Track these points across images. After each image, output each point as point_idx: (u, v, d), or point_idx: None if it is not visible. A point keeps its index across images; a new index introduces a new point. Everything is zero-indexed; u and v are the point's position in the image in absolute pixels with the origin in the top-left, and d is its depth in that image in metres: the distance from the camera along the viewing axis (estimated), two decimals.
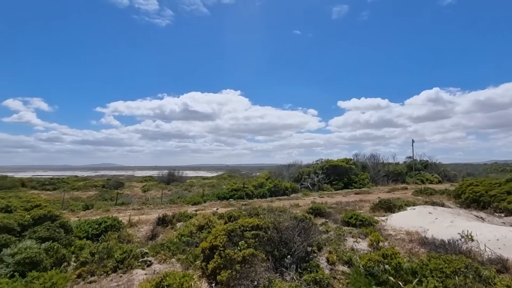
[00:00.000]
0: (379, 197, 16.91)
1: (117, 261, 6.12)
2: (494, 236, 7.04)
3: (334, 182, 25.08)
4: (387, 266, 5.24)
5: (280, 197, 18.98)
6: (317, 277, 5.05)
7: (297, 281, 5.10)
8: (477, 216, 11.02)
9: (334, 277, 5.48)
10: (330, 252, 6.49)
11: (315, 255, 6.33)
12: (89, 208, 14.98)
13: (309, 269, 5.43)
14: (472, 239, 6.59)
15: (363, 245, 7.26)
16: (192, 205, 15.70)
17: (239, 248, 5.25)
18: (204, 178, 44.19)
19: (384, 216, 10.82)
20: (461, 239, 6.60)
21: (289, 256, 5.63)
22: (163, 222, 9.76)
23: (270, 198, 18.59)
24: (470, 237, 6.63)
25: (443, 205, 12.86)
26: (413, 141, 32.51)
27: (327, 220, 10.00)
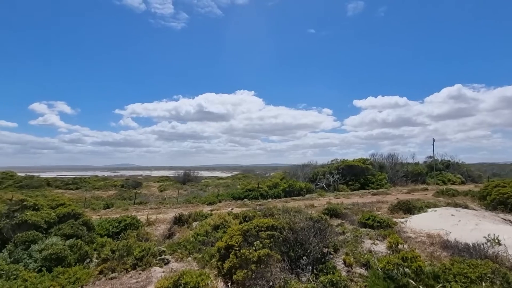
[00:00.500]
0: (397, 198, 16.43)
1: (136, 258, 6.30)
2: None
3: (350, 183, 24.60)
4: (407, 270, 5.07)
5: (294, 197, 18.85)
6: (333, 279, 4.96)
7: (313, 282, 5.05)
8: (504, 219, 10.44)
9: (351, 280, 5.37)
10: (346, 254, 6.38)
11: (331, 256, 6.24)
12: (109, 207, 15.54)
13: (325, 270, 5.36)
14: (499, 243, 6.24)
15: (381, 247, 7.07)
16: (208, 205, 15.90)
17: (254, 248, 5.26)
18: (218, 178, 44.64)
19: (403, 218, 10.49)
20: (487, 243, 6.26)
21: (304, 257, 5.58)
22: (179, 221, 9.95)
23: (285, 198, 18.50)
24: (497, 241, 6.28)
25: (466, 207, 12.29)
26: (433, 140, 31.29)
27: (343, 221, 9.83)
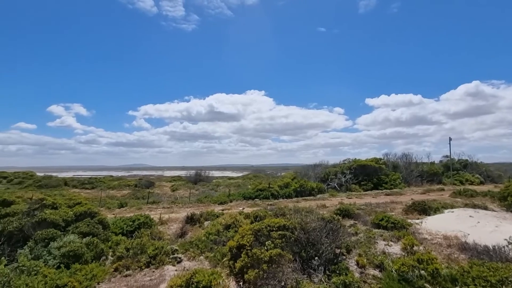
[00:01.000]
0: (412, 198, 16.03)
1: (149, 257, 6.43)
2: None
3: (362, 183, 24.19)
4: (422, 272, 4.94)
5: (306, 197, 18.72)
6: (346, 280, 4.89)
7: (325, 283, 4.99)
8: None
9: (365, 281, 5.28)
10: (359, 255, 6.27)
11: (344, 257, 6.15)
12: (123, 206, 15.92)
13: (338, 271, 5.29)
14: None
15: (395, 248, 6.92)
16: (219, 204, 16.02)
17: (265, 248, 5.25)
18: (229, 178, 44.86)
19: (418, 219, 10.22)
20: (508, 245, 6.02)
21: (316, 258, 5.52)
22: (191, 220, 10.07)
23: (296, 198, 18.39)
24: None
25: (486, 208, 11.85)
26: (450, 139, 30.35)
27: (356, 222, 9.68)
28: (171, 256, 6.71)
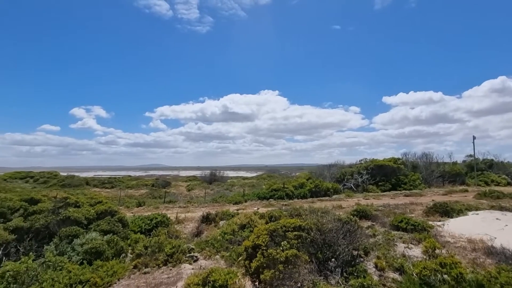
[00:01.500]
0: (433, 200, 15.42)
1: (167, 255, 6.56)
2: None
3: (380, 183, 23.55)
4: (445, 276, 4.74)
5: (321, 198, 18.46)
6: (365, 283, 4.77)
7: (343, 285, 4.90)
8: None
9: (384, 285, 5.13)
10: (378, 258, 6.11)
11: (362, 259, 6.01)
12: (141, 205, 16.37)
13: (355, 274, 5.17)
14: None
15: (416, 251, 6.68)
16: (234, 204, 16.11)
17: (281, 248, 5.23)
18: (244, 178, 45.06)
19: (440, 221, 9.82)
20: None
21: (333, 259, 5.43)
22: (207, 220, 10.19)
23: (311, 198, 18.18)
24: None
25: None
26: (474, 138, 28.96)
27: (373, 223, 9.44)
28: (187, 255, 6.82)
